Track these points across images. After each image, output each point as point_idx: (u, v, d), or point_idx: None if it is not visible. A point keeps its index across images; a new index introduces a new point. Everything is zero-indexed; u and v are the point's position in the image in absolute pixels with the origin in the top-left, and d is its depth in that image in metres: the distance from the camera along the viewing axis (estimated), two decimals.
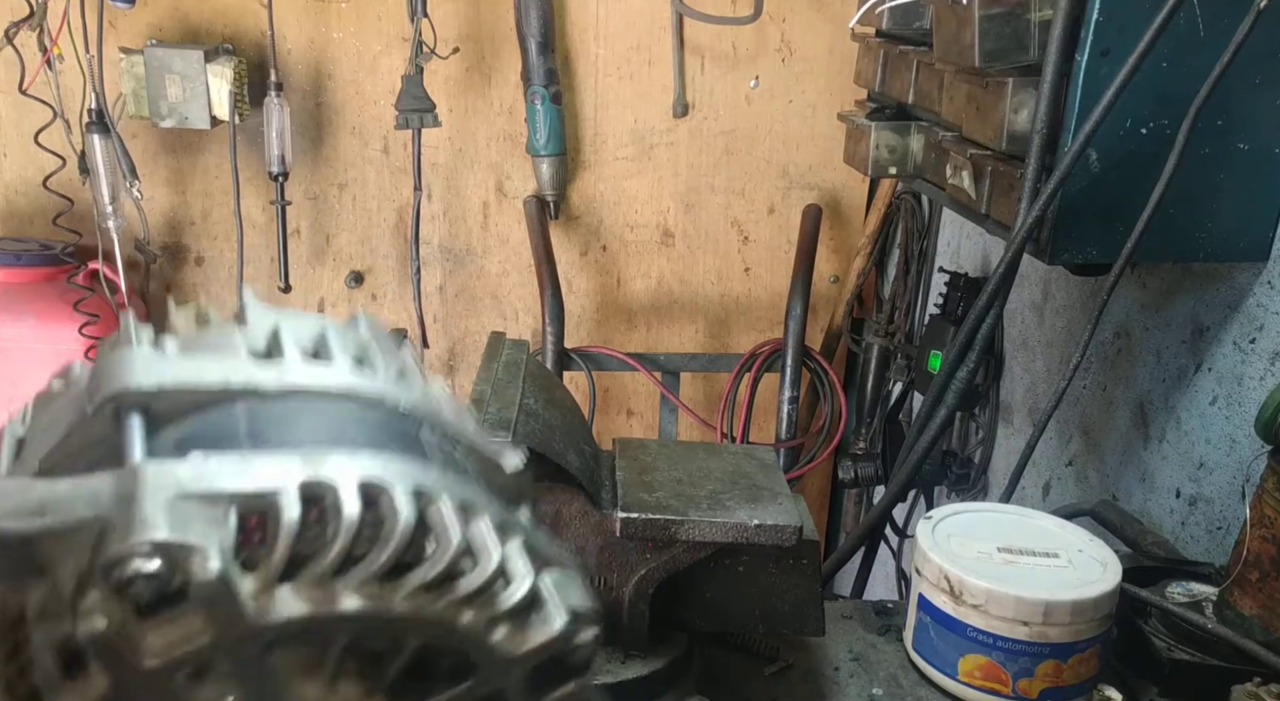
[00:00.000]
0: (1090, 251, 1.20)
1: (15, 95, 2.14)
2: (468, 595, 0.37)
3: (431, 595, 0.36)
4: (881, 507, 1.39)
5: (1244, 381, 1.26)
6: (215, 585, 0.32)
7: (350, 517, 0.35)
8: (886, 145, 1.49)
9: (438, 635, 0.37)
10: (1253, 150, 1.17)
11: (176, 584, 0.32)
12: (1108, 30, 1.10)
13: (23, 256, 2.24)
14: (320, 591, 0.35)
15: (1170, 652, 1.01)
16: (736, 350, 2.52)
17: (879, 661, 1.08)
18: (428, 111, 2.24)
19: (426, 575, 0.36)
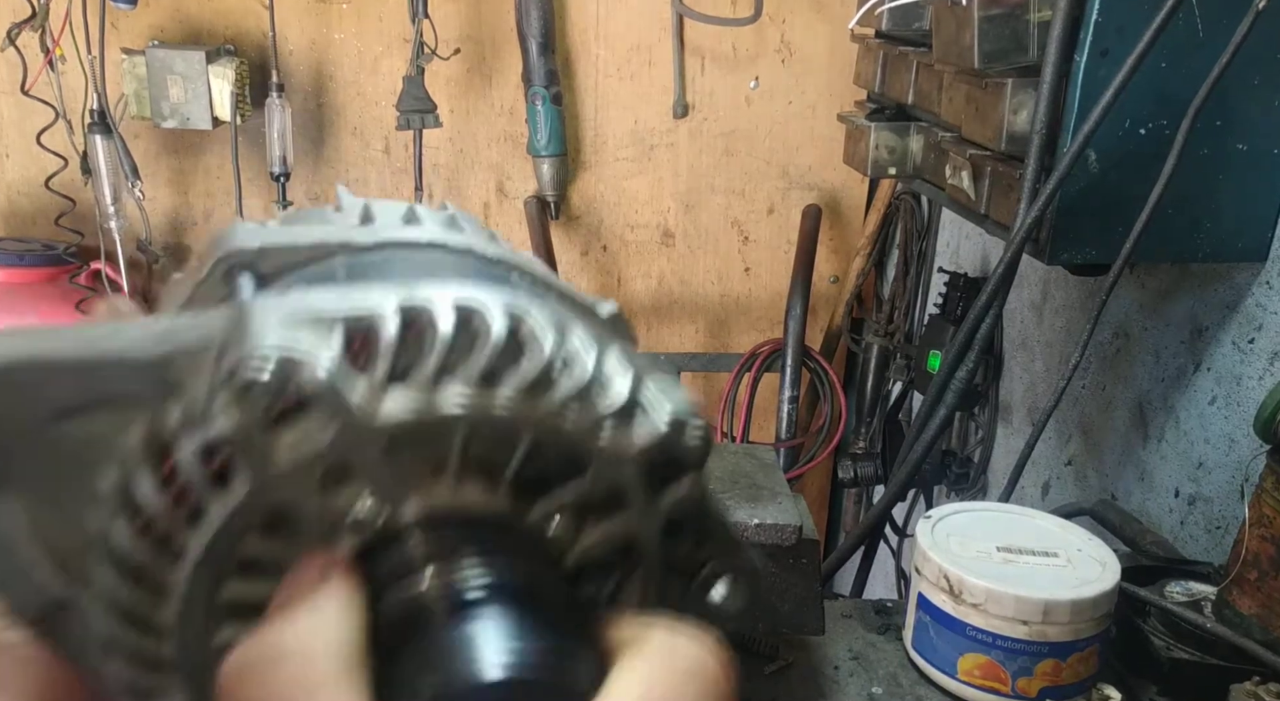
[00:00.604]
0: (1089, 251, 1.20)
1: (18, 96, 2.14)
2: (566, 397, 0.38)
3: (530, 398, 0.38)
4: (881, 507, 1.39)
5: (1243, 381, 1.26)
6: (326, 386, 0.35)
7: (445, 330, 0.38)
8: (886, 146, 1.50)
9: (543, 435, 0.38)
10: (1251, 151, 1.17)
11: (291, 390, 0.35)
12: (1107, 31, 1.11)
13: (25, 257, 2.25)
14: (422, 394, 0.37)
15: (1169, 652, 1.02)
16: (736, 350, 2.52)
17: (879, 660, 1.08)
18: (429, 112, 2.24)
19: (524, 377, 0.38)
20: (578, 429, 0.38)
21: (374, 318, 0.37)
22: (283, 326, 0.36)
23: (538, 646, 0.35)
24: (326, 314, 0.37)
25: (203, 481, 0.36)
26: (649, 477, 0.40)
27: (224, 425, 0.35)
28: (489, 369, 0.38)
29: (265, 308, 0.37)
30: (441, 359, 0.37)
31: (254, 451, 0.35)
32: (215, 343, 0.36)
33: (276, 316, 0.36)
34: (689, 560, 0.44)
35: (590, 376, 0.39)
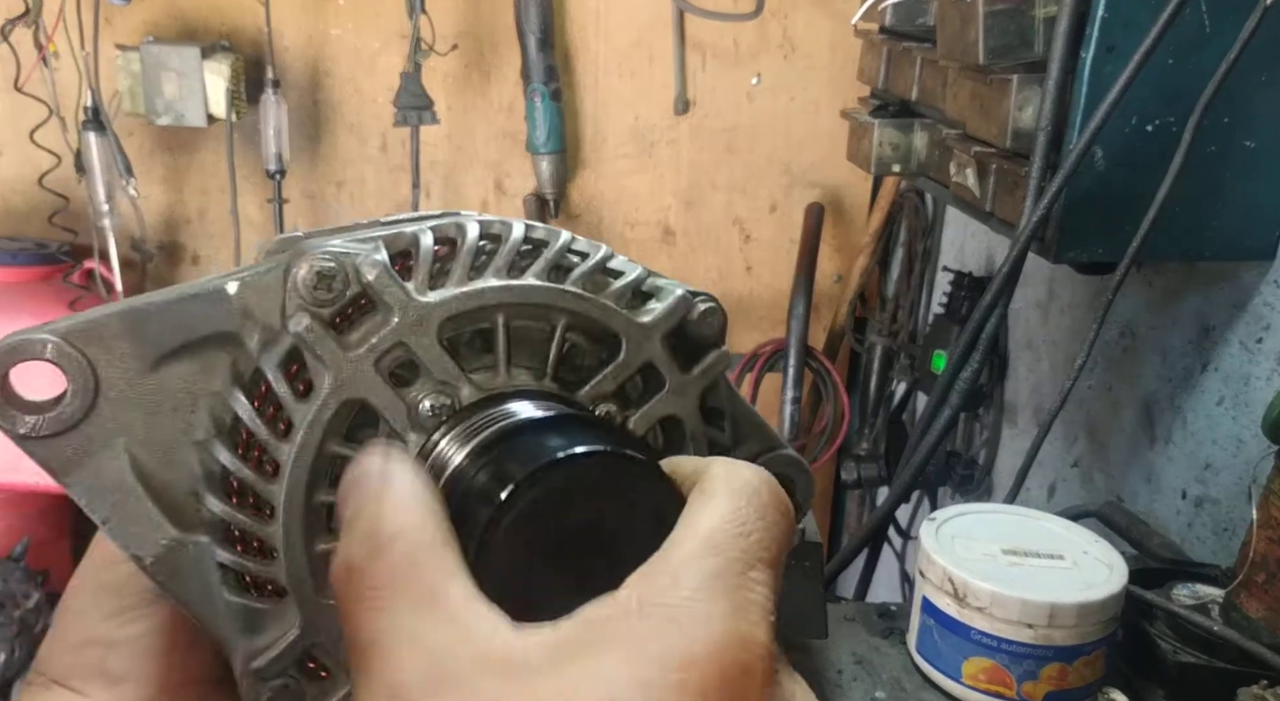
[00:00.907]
0: (1096, 250, 1.19)
1: (10, 92, 2.13)
2: (585, 273, 0.43)
3: (558, 274, 0.43)
4: (885, 509, 1.38)
5: (1250, 381, 1.25)
6: (383, 277, 0.40)
7: (473, 234, 0.43)
8: (890, 143, 1.48)
9: (574, 309, 0.43)
10: (1259, 148, 1.16)
11: (353, 290, 0.40)
12: (1113, 27, 1.10)
13: (18, 255, 2.24)
14: (462, 282, 0.42)
15: (1176, 655, 1.01)
16: (738, 350, 2.51)
17: (882, 664, 1.07)
18: (426, 109, 2.23)
19: (548, 257, 0.43)
20: (601, 303, 0.43)
21: (411, 235, 0.43)
22: (334, 246, 0.41)
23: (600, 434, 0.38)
24: (369, 237, 0.42)
25: (288, 391, 0.40)
26: (676, 353, 0.45)
27: (299, 324, 0.39)
28: (514, 262, 0.43)
29: (316, 239, 0.42)
30: (473, 256, 0.43)
31: (328, 346, 0.40)
32: (278, 268, 0.41)
33: (330, 241, 0.42)
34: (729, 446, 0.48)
35: (601, 260, 0.45)
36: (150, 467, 0.41)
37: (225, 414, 0.41)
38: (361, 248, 0.41)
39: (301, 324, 0.39)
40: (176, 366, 0.41)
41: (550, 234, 0.45)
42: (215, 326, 0.41)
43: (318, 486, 0.41)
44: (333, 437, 0.41)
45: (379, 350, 0.40)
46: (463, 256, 0.42)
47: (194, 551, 0.41)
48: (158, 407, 0.41)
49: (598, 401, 0.44)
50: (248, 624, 0.42)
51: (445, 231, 0.44)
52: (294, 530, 0.41)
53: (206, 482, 0.41)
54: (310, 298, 0.39)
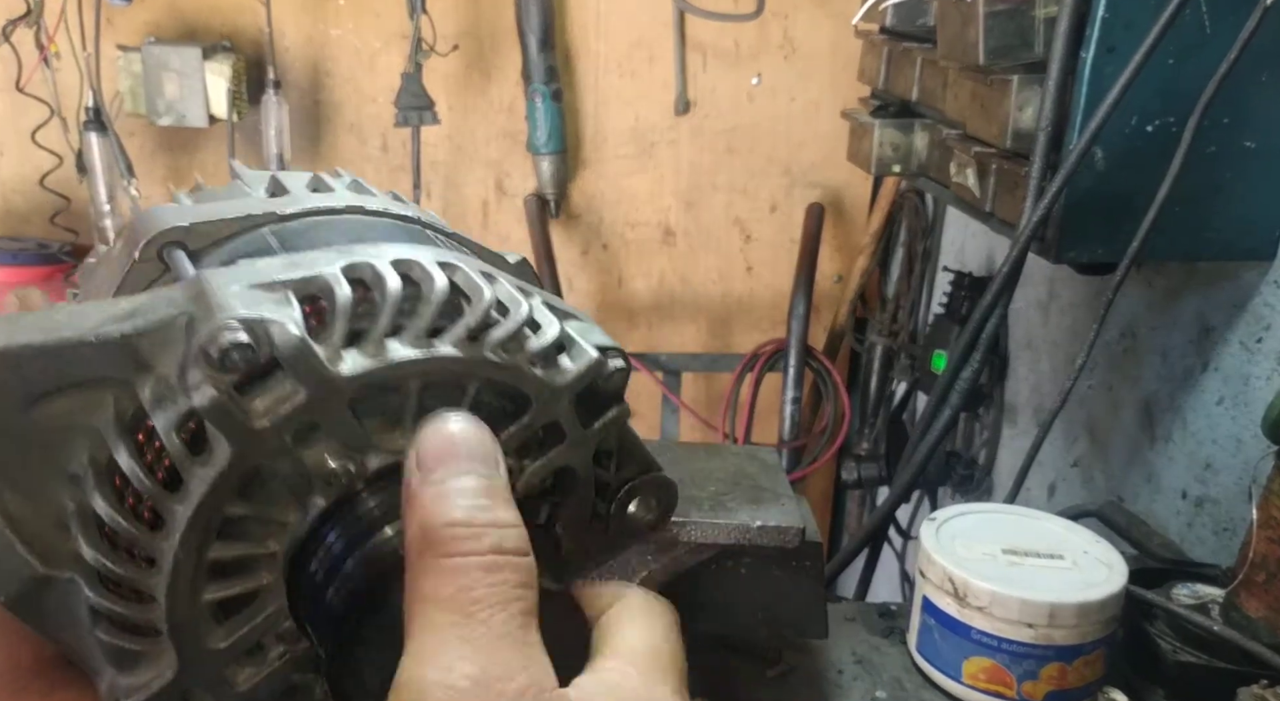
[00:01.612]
0: (1096, 250, 1.19)
1: (12, 93, 2.13)
2: (505, 339, 0.42)
3: (475, 343, 0.42)
4: (885, 509, 1.38)
5: (1250, 381, 1.25)
6: (298, 347, 0.38)
7: (394, 286, 0.41)
8: (890, 143, 1.48)
9: (489, 375, 0.42)
10: (1260, 148, 1.16)
11: (264, 356, 0.37)
12: (1114, 27, 1.09)
13: (20, 255, 2.24)
14: (379, 348, 0.40)
15: (1176, 655, 1.01)
16: (739, 350, 2.51)
17: (882, 664, 1.07)
18: (427, 109, 2.23)
19: (469, 324, 0.42)
20: (516, 365, 0.43)
21: (324, 280, 0.40)
22: (242, 296, 0.38)
23: None
24: (279, 282, 0.40)
25: (181, 452, 0.38)
26: (581, 409, 0.45)
27: (204, 397, 0.37)
28: (435, 316, 0.42)
29: (220, 279, 0.39)
30: (394, 313, 0.41)
31: (233, 419, 0.38)
32: (179, 318, 0.38)
33: (233, 288, 0.39)
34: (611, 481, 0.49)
35: (522, 319, 0.43)
36: (15, 505, 0.39)
37: (102, 453, 0.39)
38: (273, 306, 0.38)
39: (206, 397, 0.37)
40: (52, 405, 0.39)
41: (472, 288, 0.43)
42: (103, 374, 0.39)
43: (209, 543, 0.40)
44: (227, 498, 0.39)
45: (286, 421, 0.38)
46: (382, 317, 0.40)
47: (61, 588, 0.39)
48: (27, 445, 0.39)
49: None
50: (119, 660, 0.40)
51: (359, 272, 0.41)
52: (182, 584, 0.39)
53: (80, 522, 0.39)
54: (217, 367, 0.37)
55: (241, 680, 0.42)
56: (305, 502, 0.41)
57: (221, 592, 0.41)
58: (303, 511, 0.41)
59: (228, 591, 0.41)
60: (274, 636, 0.43)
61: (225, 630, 0.41)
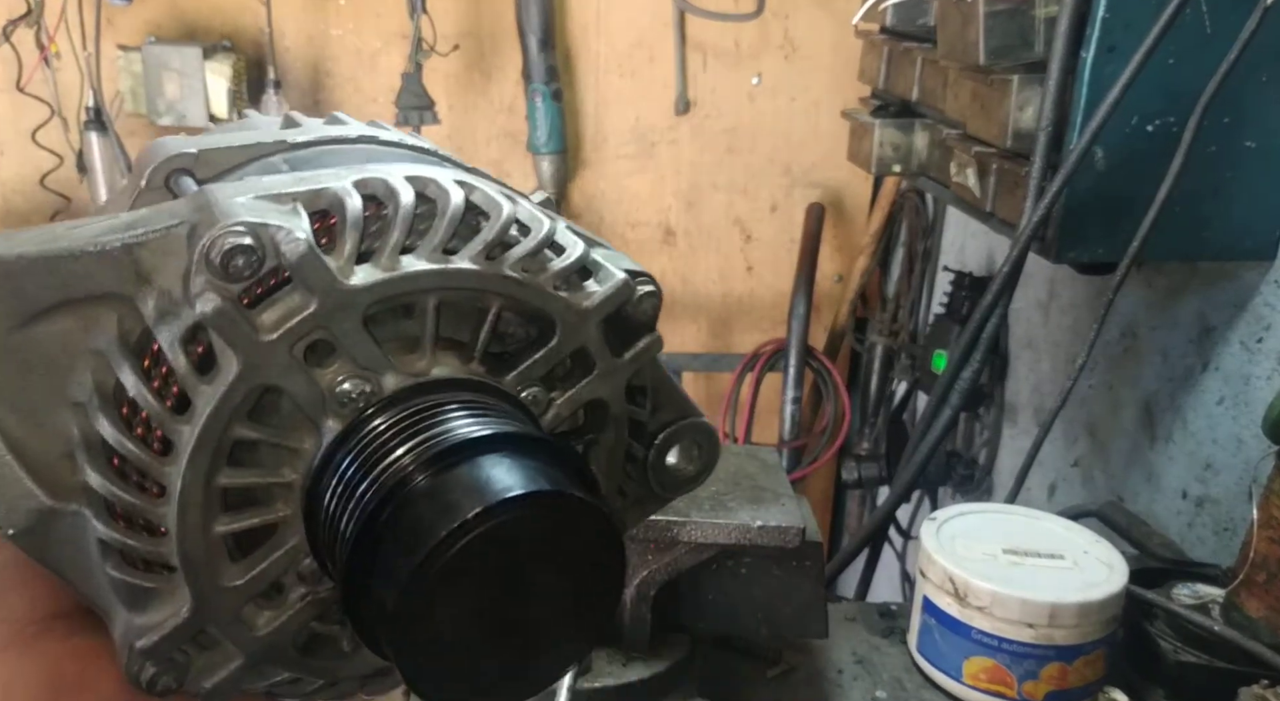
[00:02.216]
0: (1096, 249, 1.19)
1: (12, 93, 2.13)
2: (525, 256, 0.40)
3: (492, 260, 0.39)
4: (885, 509, 1.38)
5: (1251, 381, 1.25)
6: (304, 254, 0.35)
7: (408, 200, 0.39)
8: (891, 143, 1.48)
9: (510, 293, 0.40)
10: (1260, 148, 1.16)
11: (270, 265, 0.35)
12: (1114, 27, 1.09)
13: None
14: (393, 261, 0.37)
15: (1177, 655, 1.01)
16: (739, 350, 2.51)
17: (883, 664, 1.07)
18: (427, 109, 2.23)
19: (487, 238, 0.39)
20: (539, 285, 0.40)
21: (335, 194, 0.38)
22: (248, 204, 0.36)
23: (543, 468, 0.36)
24: (287, 194, 0.37)
25: (188, 369, 0.36)
26: (610, 337, 0.42)
27: (208, 305, 0.35)
28: (451, 236, 0.39)
29: (225, 191, 0.37)
30: (407, 226, 0.38)
31: (239, 329, 0.35)
32: (181, 227, 0.36)
33: (239, 198, 0.37)
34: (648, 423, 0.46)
35: (544, 237, 0.41)
36: (19, 431, 0.37)
37: (108, 377, 0.37)
38: (280, 215, 0.36)
39: (210, 304, 0.35)
40: (52, 323, 0.37)
41: (490, 204, 0.41)
42: (104, 288, 0.37)
43: (219, 468, 0.38)
44: (237, 420, 0.37)
45: (297, 335, 0.36)
46: (394, 231, 0.38)
47: (69, 521, 0.38)
48: (29, 367, 0.37)
49: (524, 384, 0.42)
50: (131, 598, 0.39)
51: (371, 187, 0.39)
52: (192, 514, 0.37)
53: (86, 450, 0.38)
54: (221, 275, 0.35)
55: (261, 623, 0.40)
56: (319, 426, 0.38)
57: (235, 524, 0.39)
58: (317, 435, 0.39)
59: (242, 522, 0.39)
60: (294, 575, 0.40)
61: (242, 567, 0.39)
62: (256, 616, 0.40)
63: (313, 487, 0.39)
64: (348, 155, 0.45)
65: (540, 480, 0.36)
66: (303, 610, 0.41)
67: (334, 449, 0.38)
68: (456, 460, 0.36)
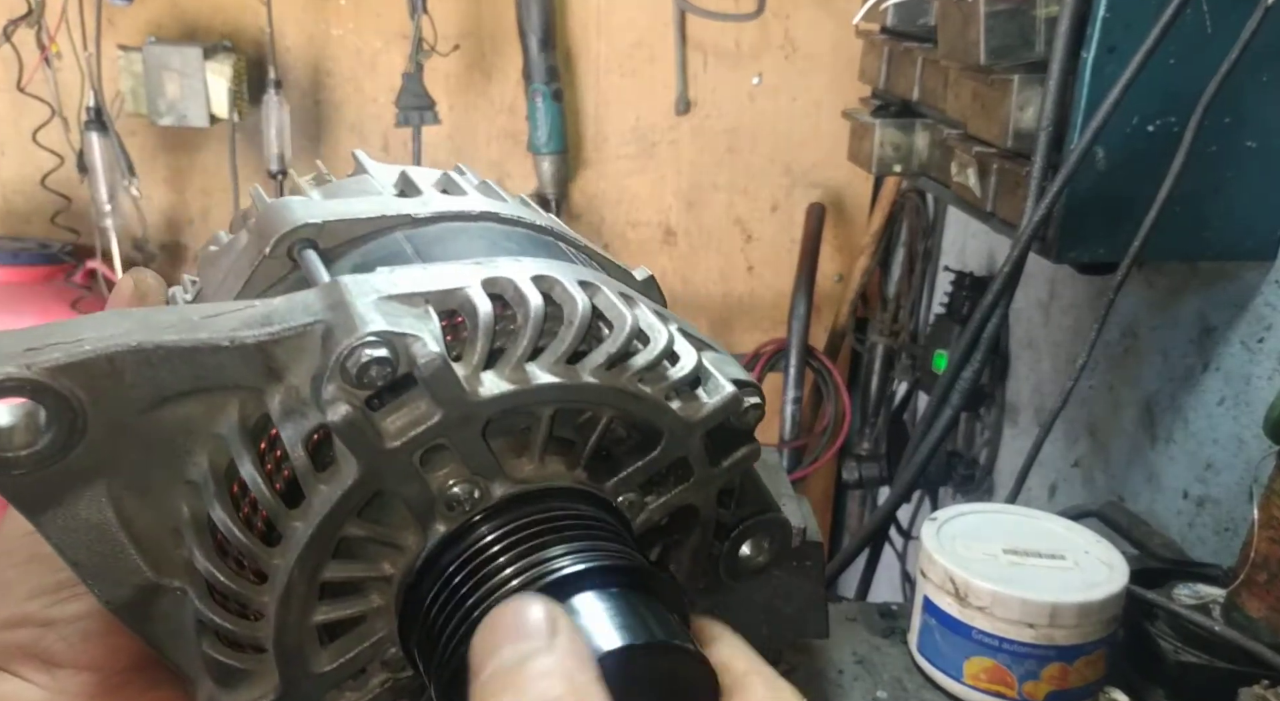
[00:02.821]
0: (1097, 250, 1.19)
1: (13, 93, 2.13)
2: (644, 368, 0.40)
3: (614, 371, 0.39)
4: (886, 509, 1.38)
5: (1252, 381, 1.25)
6: (437, 366, 0.36)
7: (536, 305, 0.39)
8: (891, 143, 1.48)
9: (625, 407, 0.40)
10: (1261, 148, 1.16)
11: (401, 372, 0.36)
12: (1114, 27, 1.09)
13: (21, 255, 2.23)
14: (519, 372, 0.38)
15: (1177, 655, 1.00)
16: (740, 349, 2.51)
17: (883, 664, 1.07)
18: (428, 109, 2.23)
19: (609, 350, 0.40)
20: (653, 397, 0.40)
21: (465, 293, 0.38)
22: (381, 307, 0.36)
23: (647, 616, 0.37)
24: (419, 291, 0.38)
25: (307, 466, 0.37)
26: (710, 449, 0.43)
27: (337, 413, 0.35)
28: (577, 342, 0.39)
29: (359, 287, 0.37)
30: (535, 334, 0.39)
31: (365, 437, 0.36)
32: (315, 326, 0.37)
33: (372, 298, 0.37)
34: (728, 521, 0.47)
35: (664, 350, 0.41)
36: (132, 508, 0.38)
37: (222, 458, 0.38)
38: (412, 320, 0.36)
39: (339, 413, 0.35)
40: (179, 408, 0.37)
41: (613, 312, 0.41)
42: (234, 381, 0.37)
43: (324, 563, 0.38)
44: (350, 519, 0.38)
45: (418, 444, 0.37)
46: (523, 340, 0.38)
47: (170, 599, 0.38)
48: (150, 448, 0.37)
49: (622, 491, 0.42)
50: (221, 676, 0.39)
51: (500, 287, 0.39)
52: (295, 605, 0.38)
53: (195, 531, 0.38)
54: (355, 383, 0.35)
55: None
56: (426, 527, 0.39)
57: (331, 614, 0.39)
58: (422, 536, 0.39)
59: (338, 612, 0.39)
60: (379, 662, 0.41)
61: (330, 653, 0.40)
62: (338, 698, 0.41)
63: (414, 585, 0.39)
64: (471, 236, 0.45)
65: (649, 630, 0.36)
66: (382, 694, 0.42)
67: (439, 551, 0.39)
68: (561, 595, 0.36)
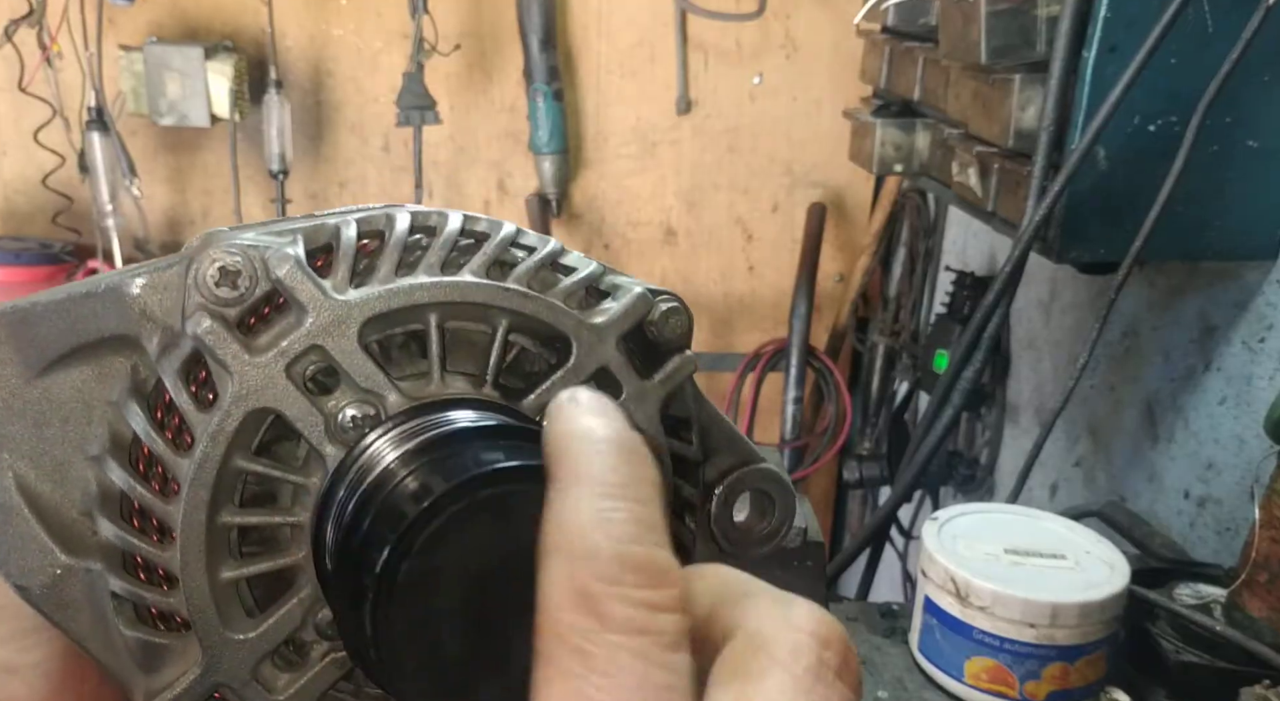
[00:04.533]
0: (1098, 249, 1.19)
1: (14, 93, 2.13)
2: (530, 270, 0.38)
3: (497, 275, 0.38)
4: (887, 508, 1.38)
5: (1253, 381, 1.25)
6: (295, 276, 0.35)
7: (402, 227, 0.38)
8: (892, 142, 1.48)
9: (517, 309, 0.38)
10: (1262, 148, 1.15)
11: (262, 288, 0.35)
12: (1115, 26, 1.09)
13: (22, 255, 2.24)
14: (390, 281, 0.37)
15: (1178, 655, 1.00)
16: (740, 349, 2.51)
17: (884, 664, 1.07)
18: (428, 109, 2.23)
19: (486, 251, 0.38)
20: (547, 302, 0.38)
21: (334, 227, 0.38)
22: (249, 238, 0.36)
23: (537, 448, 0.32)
24: (288, 229, 0.38)
25: (188, 400, 0.35)
26: (635, 357, 0.40)
27: (198, 325, 0.35)
28: (448, 256, 0.38)
29: (234, 231, 0.37)
30: (400, 250, 0.38)
31: (231, 349, 0.35)
32: (183, 263, 0.36)
33: (240, 234, 0.37)
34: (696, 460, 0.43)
35: (550, 254, 0.39)
36: (38, 486, 0.37)
37: (124, 427, 0.37)
38: (275, 241, 0.36)
39: (201, 325, 0.35)
40: (68, 373, 0.37)
41: (493, 226, 0.40)
42: (110, 329, 0.36)
43: (221, 506, 0.36)
44: (239, 451, 0.36)
45: (291, 354, 0.35)
46: (389, 250, 0.38)
47: (86, 580, 0.37)
48: (45, 419, 0.37)
49: (544, 411, 0.37)
50: (147, 659, 0.37)
51: (373, 223, 0.39)
52: (194, 554, 0.36)
53: (102, 503, 0.37)
54: (213, 296, 0.35)
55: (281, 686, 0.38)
56: (325, 458, 0.36)
57: (243, 568, 0.37)
58: (323, 468, 0.37)
59: (250, 567, 0.37)
60: (313, 629, 0.38)
61: (256, 619, 0.37)
62: (276, 678, 0.38)
63: (317, 525, 0.37)
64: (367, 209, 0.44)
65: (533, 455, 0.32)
66: (326, 670, 0.38)
67: (335, 479, 0.36)
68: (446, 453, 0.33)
